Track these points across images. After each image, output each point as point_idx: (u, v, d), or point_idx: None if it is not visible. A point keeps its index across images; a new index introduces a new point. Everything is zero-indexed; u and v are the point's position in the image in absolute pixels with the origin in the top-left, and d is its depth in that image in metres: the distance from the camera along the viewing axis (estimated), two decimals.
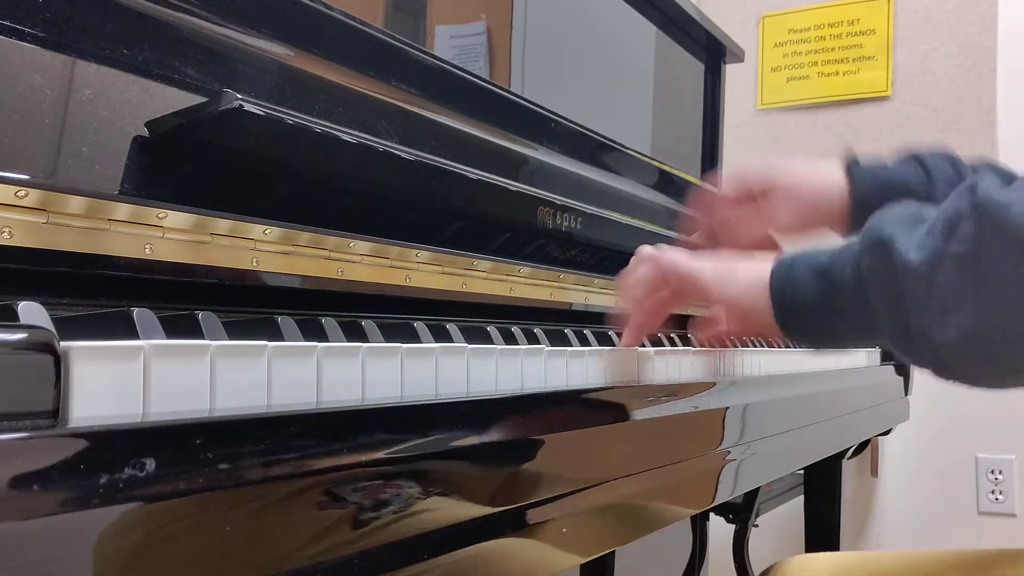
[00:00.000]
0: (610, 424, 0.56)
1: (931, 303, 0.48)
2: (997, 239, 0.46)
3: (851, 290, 0.53)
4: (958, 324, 0.47)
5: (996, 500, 2.09)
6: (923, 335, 0.49)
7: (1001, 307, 0.46)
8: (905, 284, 0.49)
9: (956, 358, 0.49)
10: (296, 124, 0.57)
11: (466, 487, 0.42)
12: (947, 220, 0.48)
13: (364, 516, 0.36)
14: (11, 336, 0.28)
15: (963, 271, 0.47)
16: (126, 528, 0.27)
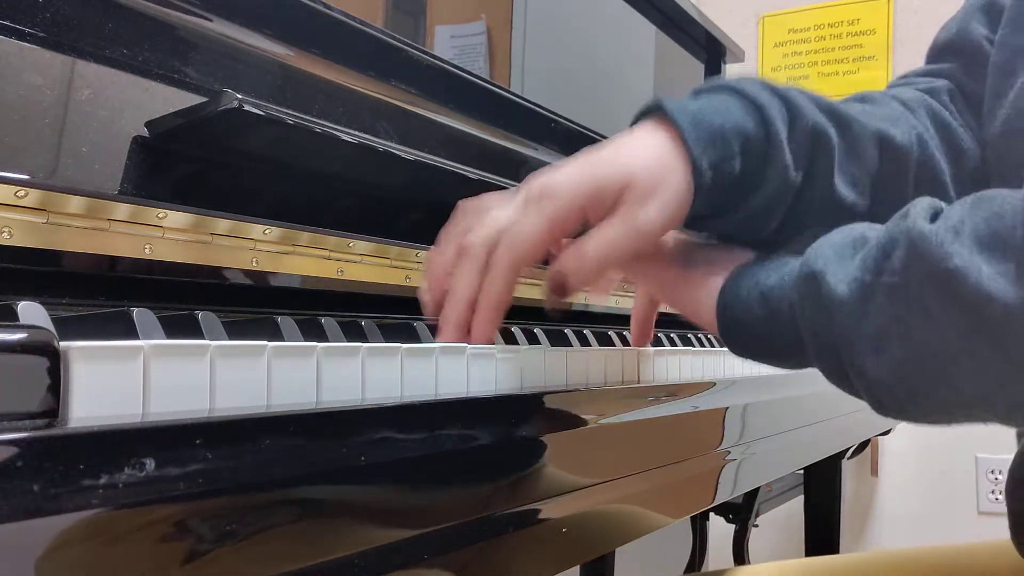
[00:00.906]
0: (610, 424, 0.56)
1: (863, 337, 0.46)
2: (920, 277, 0.43)
3: (786, 321, 0.51)
4: (890, 358, 0.45)
5: (996, 500, 2.09)
6: (858, 371, 0.47)
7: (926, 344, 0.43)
8: (835, 319, 0.47)
9: (890, 394, 0.46)
10: (296, 124, 0.57)
11: (467, 487, 0.42)
12: (881, 248, 0.45)
13: (364, 516, 0.36)
14: (11, 336, 0.28)
15: (894, 303, 0.44)
16: (126, 528, 0.27)
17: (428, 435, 0.41)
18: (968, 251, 0.41)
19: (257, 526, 0.32)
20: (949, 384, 0.44)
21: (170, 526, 0.29)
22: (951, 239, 0.42)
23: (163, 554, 0.28)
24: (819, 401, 1.04)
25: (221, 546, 0.30)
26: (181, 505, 0.29)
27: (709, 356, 0.82)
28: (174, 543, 0.29)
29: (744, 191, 0.55)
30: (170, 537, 0.29)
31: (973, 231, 0.41)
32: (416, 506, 0.39)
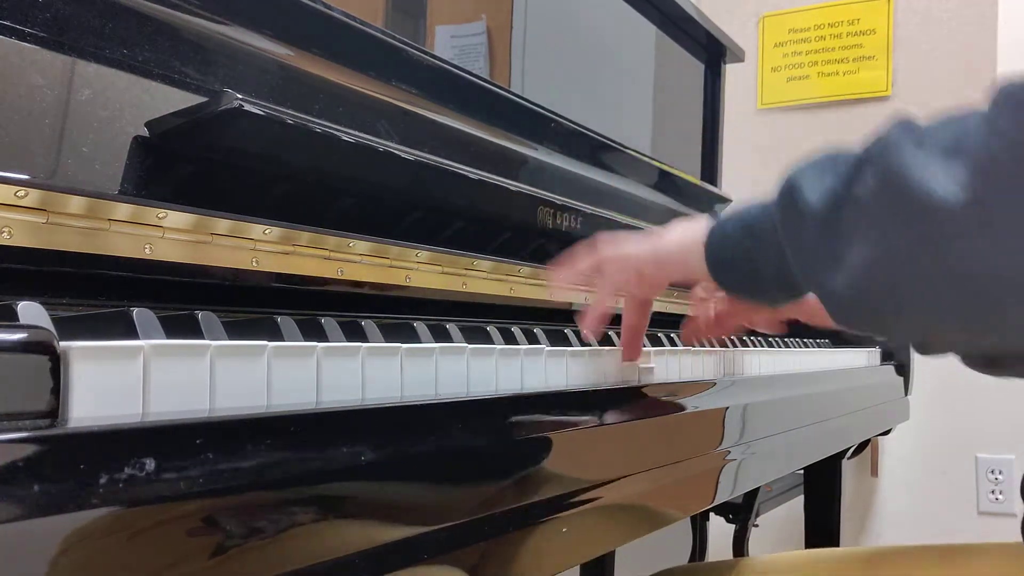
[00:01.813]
0: (610, 424, 0.56)
1: (826, 248, 0.47)
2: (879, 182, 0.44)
3: (769, 243, 0.53)
4: (850, 269, 0.46)
5: (996, 500, 2.09)
6: (819, 282, 0.49)
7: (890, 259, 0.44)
8: (805, 226, 0.49)
9: (847, 309, 0.48)
10: (296, 124, 0.57)
11: (467, 487, 0.42)
12: (855, 162, 0.47)
13: (365, 516, 0.36)
14: (11, 336, 0.28)
15: (859, 215, 0.45)
16: (126, 528, 0.27)
17: (428, 435, 0.41)
18: (927, 157, 0.42)
19: (257, 526, 0.32)
20: (893, 298, 0.44)
21: (170, 526, 0.29)
22: (914, 148, 0.43)
23: (163, 553, 0.28)
24: (819, 401, 1.04)
25: (221, 546, 0.30)
26: (181, 505, 0.29)
27: (709, 356, 0.82)
28: (174, 543, 0.29)
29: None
30: (170, 537, 0.29)
31: (938, 142, 0.42)
32: (415, 506, 0.39)
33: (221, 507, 0.30)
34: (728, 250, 0.57)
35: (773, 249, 0.53)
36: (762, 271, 0.55)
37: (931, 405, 2.00)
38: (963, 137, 0.41)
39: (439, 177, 0.72)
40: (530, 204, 0.85)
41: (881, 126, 0.47)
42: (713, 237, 0.58)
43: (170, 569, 0.29)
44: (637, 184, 1.24)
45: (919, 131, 0.44)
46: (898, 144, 0.44)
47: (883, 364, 1.43)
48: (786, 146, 2.30)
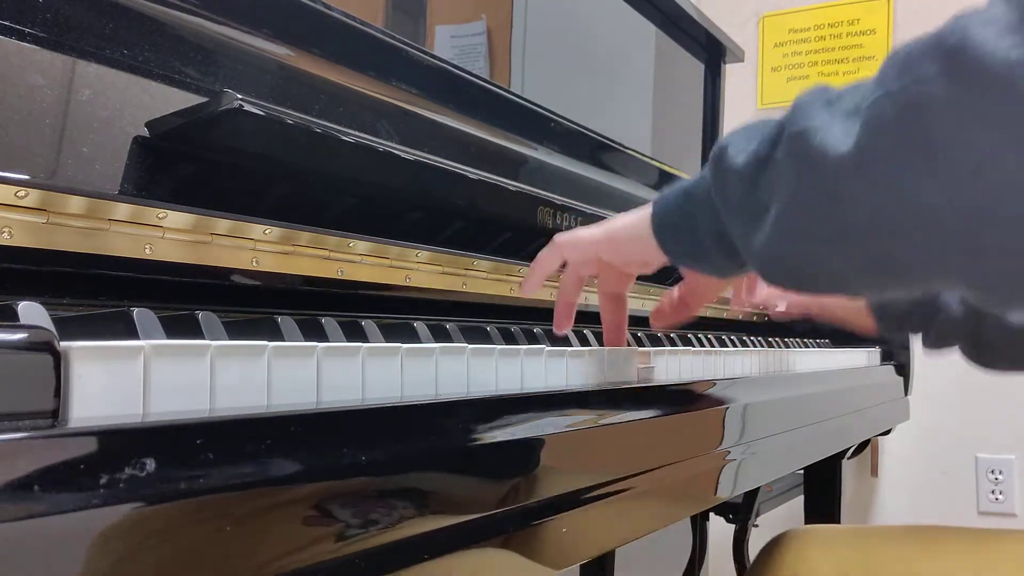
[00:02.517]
0: (610, 424, 0.56)
1: (748, 207, 0.50)
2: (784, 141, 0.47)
3: (703, 204, 0.55)
4: (763, 228, 0.49)
5: (996, 500, 2.09)
6: (740, 238, 0.52)
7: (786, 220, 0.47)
8: (729, 188, 0.51)
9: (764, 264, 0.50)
10: (296, 124, 0.57)
11: (467, 487, 0.42)
12: (777, 125, 0.49)
13: (365, 516, 0.36)
14: (11, 336, 0.28)
15: (777, 173, 0.48)
16: (126, 528, 0.27)
17: (428, 435, 0.41)
18: (831, 117, 0.44)
19: (257, 526, 0.32)
20: (801, 250, 0.47)
21: (171, 526, 0.29)
22: (820, 107, 0.45)
23: (164, 553, 0.28)
24: (819, 401, 1.04)
25: (222, 545, 0.30)
26: (182, 505, 0.29)
27: (709, 356, 0.82)
28: (175, 543, 0.29)
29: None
30: (171, 537, 0.29)
31: (842, 103, 0.44)
32: (415, 507, 0.39)
33: (221, 507, 0.30)
34: (670, 214, 0.59)
35: (709, 211, 0.55)
36: (702, 234, 0.57)
37: (931, 405, 2.00)
38: (861, 99, 0.43)
39: (439, 177, 0.72)
40: (530, 204, 0.85)
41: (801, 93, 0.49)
42: (657, 206, 0.61)
43: (170, 569, 0.29)
44: (637, 184, 1.24)
45: (831, 95, 0.46)
46: (810, 106, 0.46)
47: (883, 364, 1.43)
48: None
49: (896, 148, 0.40)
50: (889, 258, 0.43)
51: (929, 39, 0.39)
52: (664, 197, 0.60)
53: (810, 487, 1.57)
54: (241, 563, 0.31)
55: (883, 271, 0.45)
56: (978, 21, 0.37)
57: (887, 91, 0.41)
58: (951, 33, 0.38)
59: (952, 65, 0.37)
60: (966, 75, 0.37)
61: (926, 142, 0.39)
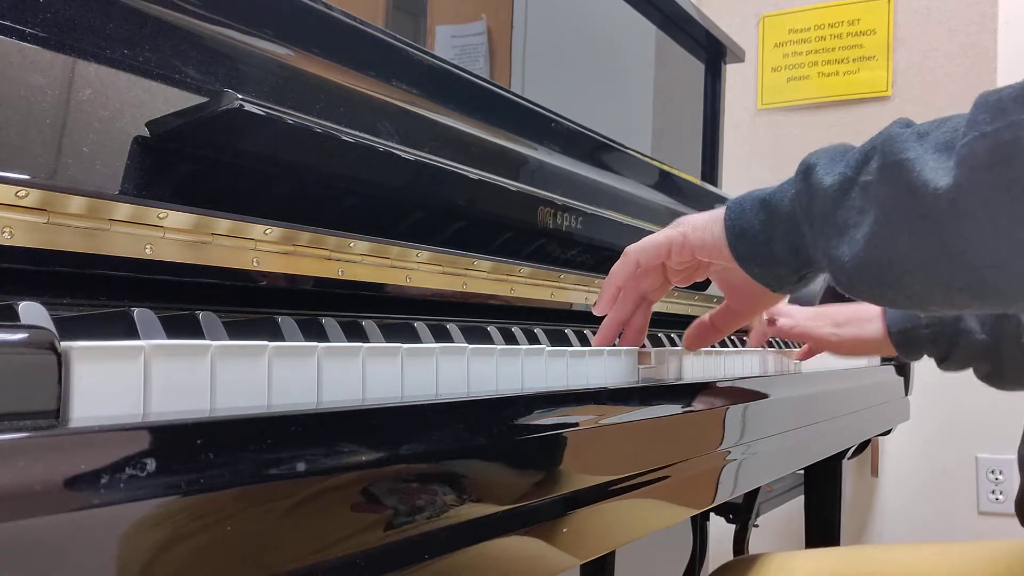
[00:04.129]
0: (610, 424, 0.56)
1: (835, 222, 0.55)
2: (881, 168, 0.52)
3: (785, 215, 0.61)
4: (853, 242, 0.54)
5: (996, 500, 2.09)
6: (827, 251, 0.56)
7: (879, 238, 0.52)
8: (817, 204, 0.56)
9: (850, 275, 0.55)
10: (296, 124, 0.57)
11: (466, 488, 0.42)
12: (863, 152, 0.54)
13: (365, 516, 0.36)
14: (12, 336, 0.28)
15: (865, 198, 0.53)
16: (126, 528, 0.27)
17: (428, 435, 0.41)
18: (924, 150, 0.50)
19: (257, 526, 0.32)
20: (893, 267, 0.52)
21: (171, 525, 0.29)
22: (914, 141, 0.51)
23: (165, 553, 0.28)
24: (819, 401, 1.04)
25: (222, 545, 0.30)
26: (182, 505, 0.29)
27: (710, 356, 0.82)
28: (175, 542, 0.29)
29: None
30: (171, 536, 0.29)
31: (935, 139, 0.50)
32: (415, 507, 0.39)
33: (222, 507, 0.30)
34: (746, 220, 0.63)
35: (789, 221, 0.60)
36: (776, 242, 0.62)
37: (931, 405, 2.00)
38: (952, 135, 0.49)
39: (439, 177, 0.72)
40: (530, 204, 0.85)
41: (885, 125, 0.54)
42: (731, 211, 0.65)
43: (171, 568, 0.29)
44: (637, 184, 1.24)
45: (920, 128, 0.52)
46: (902, 138, 0.51)
47: (883, 364, 1.43)
48: (786, 146, 2.30)
49: (992, 186, 0.45)
50: (976, 283, 0.48)
51: (1016, 88, 0.45)
52: (739, 204, 0.65)
53: (810, 487, 1.57)
54: (241, 563, 0.31)
55: (968, 293, 0.50)
56: None
57: (981, 132, 0.46)
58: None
59: None
60: None
61: (1018, 181, 0.44)
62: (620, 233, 1.01)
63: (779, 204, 0.61)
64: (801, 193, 0.59)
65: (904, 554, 0.92)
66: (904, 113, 2.01)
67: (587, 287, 0.89)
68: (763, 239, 0.62)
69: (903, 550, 0.94)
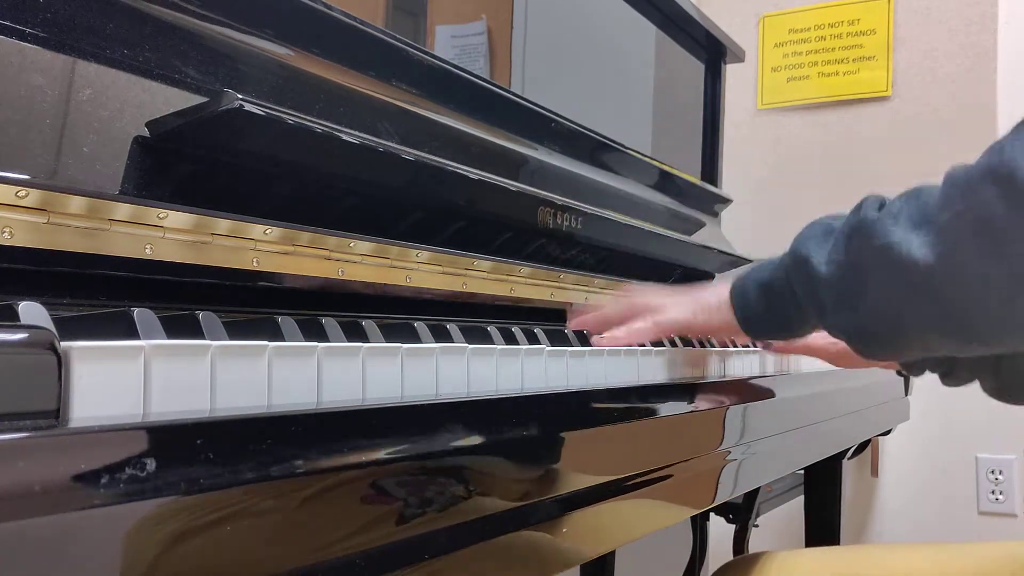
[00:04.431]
0: (611, 424, 0.56)
1: (839, 301, 0.63)
2: (870, 252, 0.59)
3: (789, 299, 0.69)
4: (859, 316, 0.62)
5: (996, 500, 2.09)
6: (841, 327, 0.65)
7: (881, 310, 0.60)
8: (819, 289, 0.65)
9: (865, 343, 0.64)
10: (296, 124, 0.57)
11: (466, 488, 0.42)
12: (846, 236, 0.62)
13: (364, 516, 0.36)
14: (12, 336, 0.28)
15: (857, 276, 0.61)
16: (126, 528, 0.27)
17: (428, 435, 0.41)
18: (903, 230, 0.57)
19: (257, 526, 0.32)
20: (900, 330, 0.60)
21: (171, 526, 0.29)
22: (891, 223, 0.58)
23: (165, 553, 0.28)
24: (819, 401, 1.04)
25: (222, 545, 0.30)
26: (182, 505, 0.29)
27: (709, 356, 0.82)
28: (175, 542, 0.29)
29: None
30: (171, 536, 0.29)
31: (908, 216, 0.57)
32: (416, 507, 0.39)
33: (222, 507, 0.30)
34: (752, 307, 0.73)
35: (792, 305, 0.69)
36: (785, 319, 0.71)
37: (931, 405, 2.00)
38: (925, 211, 0.57)
39: (439, 177, 0.72)
40: (530, 204, 0.85)
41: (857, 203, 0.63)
42: (737, 298, 0.74)
43: (171, 568, 0.29)
44: (637, 184, 1.24)
45: (892, 210, 0.59)
46: (880, 223, 0.59)
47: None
48: (786, 146, 2.30)
49: (975, 253, 0.53)
50: (977, 331, 0.56)
51: (981, 168, 0.53)
52: (742, 290, 0.74)
53: (810, 487, 1.57)
54: (241, 563, 0.31)
55: (972, 340, 0.57)
56: (1020, 154, 0.50)
57: (956, 212, 0.54)
58: (1000, 164, 0.51)
59: (1008, 190, 0.51)
60: (1018, 194, 0.50)
61: (997, 245, 0.52)
62: (620, 233, 1.01)
63: (781, 291, 0.70)
64: (801, 283, 0.67)
65: (905, 554, 0.93)
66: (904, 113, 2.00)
67: (587, 287, 0.89)
68: (773, 321, 0.72)
69: (904, 550, 0.95)
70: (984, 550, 0.89)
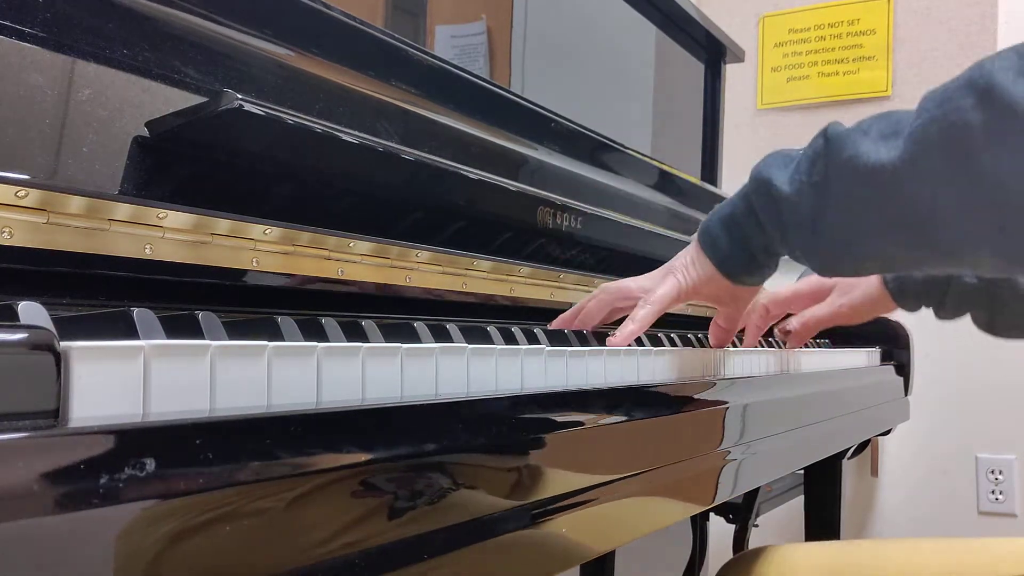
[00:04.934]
0: (611, 424, 0.56)
1: (801, 221, 0.64)
2: (835, 166, 0.60)
3: (753, 226, 0.70)
4: (818, 234, 0.63)
5: (996, 500, 2.09)
6: (801, 247, 0.66)
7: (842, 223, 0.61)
8: (783, 209, 0.65)
9: (823, 260, 0.65)
10: (296, 124, 0.57)
11: (466, 487, 0.42)
12: (809, 158, 0.63)
13: (364, 516, 0.36)
14: (11, 336, 0.28)
15: (819, 195, 0.62)
16: (126, 528, 0.27)
17: (428, 435, 0.41)
18: (871, 141, 0.58)
19: (257, 526, 0.32)
20: (860, 245, 0.61)
21: (171, 526, 0.29)
22: (860, 136, 0.60)
23: (164, 553, 0.28)
24: (819, 401, 1.04)
25: (221, 545, 0.30)
26: (181, 505, 0.29)
27: (713, 356, 0.82)
28: (175, 542, 0.29)
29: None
30: (171, 536, 0.29)
31: (878, 130, 0.59)
32: (416, 506, 0.39)
33: (221, 507, 0.30)
34: (721, 244, 0.73)
35: (756, 230, 0.70)
36: (753, 248, 0.71)
37: (931, 405, 2.00)
38: (896, 126, 0.57)
39: (439, 177, 0.72)
40: (530, 204, 0.85)
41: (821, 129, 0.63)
42: (705, 241, 0.74)
43: (170, 568, 0.29)
44: (637, 184, 1.24)
45: (863, 126, 0.60)
46: (847, 137, 0.60)
47: (883, 364, 1.43)
48: (786, 146, 2.30)
49: (944, 158, 0.53)
50: (936, 239, 0.56)
51: (961, 80, 0.54)
52: (709, 231, 0.74)
53: (810, 487, 1.57)
54: (241, 563, 0.31)
55: (929, 249, 0.57)
56: (1000, 68, 0.51)
57: (931, 116, 0.54)
58: (980, 76, 0.52)
59: (984, 99, 0.51)
60: (994, 106, 0.51)
61: (967, 153, 0.52)
62: (620, 233, 1.02)
63: (745, 219, 0.70)
64: (762, 206, 0.67)
65: (905, 548, 0.93)
66: None
67: (587, 287, 0.89)
68: (739, 249, 0.72)
69: (904, 544, 0.95)
70: (986, 545, 0.90)
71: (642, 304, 0.77)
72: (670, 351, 0.74)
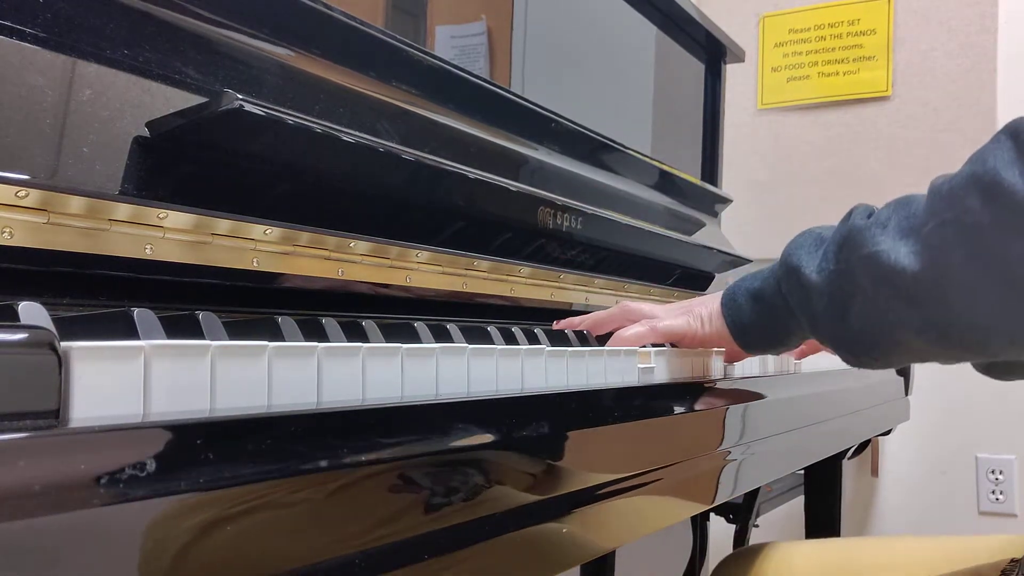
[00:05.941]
0: (611, 424, 0.56)
1: (829, 310, 0.64)
2: (859, 260, 0.60)
3: (780, 308, 0.70)
4: (848, 325, 0.63)
5: (996, 500, 2.09)
6: (830, 335, 0.66)
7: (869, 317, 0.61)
8: (813, 298, 0.66)
9: (853, 349, 0.65)
10: (296, 124, 0.57)
11: (466, 488, 0.42)
12: (835, 244, 0.64)
13: (364, 516, 0.36)
14: (12, 336, 0.28)
15: (845, 284, 0.62)
16: (126, 528, 0.27)
17: (428, 435, 0.41)
18: (891, 239, 0.59)
19: (257, 526, 0.32)
20: (886, 339, 0.62)
21: (171, 526, 0.29)
22: (879, 231, 0.60)
23: (164, 553, 0.28)
24: (819, 401, 1.04)
25: (221, 545, 0.30)
26: (182, 505, 0.29)
27: (709, 357, 0.82)
28: (175, 542, 0.29)
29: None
30: (171, 537, 0.29)
31: (896, 225, 0.59)
32: (416, 507, 0.39)
33: (221, 507, 0.30)
34: (744, 316, 0.74)
35: (785, 315, 0.70)
36: (777, 331, 0.72)
37: (931, 405, 2.00)
38: (912, 221, 0.58)
39: (439, 177, 0.72)
40: (530, 204, 0.85)
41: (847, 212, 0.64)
42: (730, 314, 0.75)
43: (170, 568, 0.29)
44: (637, 184, 1.24)
45: (880, 218, 0.60)
46: (867, 230, 0.60)
47: None
48: (786, 146, 2.30)
49: (959, 263, 0.55)
50: (962, 339, 0.57)
51: (964, 177, 0.55)
52: (733, 299, 0.75)
53: (810, 487, 1.57)
54: (241, 563, 0.31)
55: (960, 349, 0.59)
56: (1002, 163, 0.52)
57: (943, 220, 0.55)
58: (984, 173, 0.53)
59: (991, 200, 0.53)
60: (1002, 203, 0.52)
61: (981, 255, 0.54)
62: (620, 233, 1.02)
63: (773, 300, 0.71)
64: (792, 291, 0.68)
65: (904, 545, 0.93)
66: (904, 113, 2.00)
67: (587, 287, 0.89)
68: (766, 329, 0.73)
69: (903, 542, 0.95)
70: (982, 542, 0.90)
71: (646, 323, 0.78)
72: (670, 352, 0.74)
